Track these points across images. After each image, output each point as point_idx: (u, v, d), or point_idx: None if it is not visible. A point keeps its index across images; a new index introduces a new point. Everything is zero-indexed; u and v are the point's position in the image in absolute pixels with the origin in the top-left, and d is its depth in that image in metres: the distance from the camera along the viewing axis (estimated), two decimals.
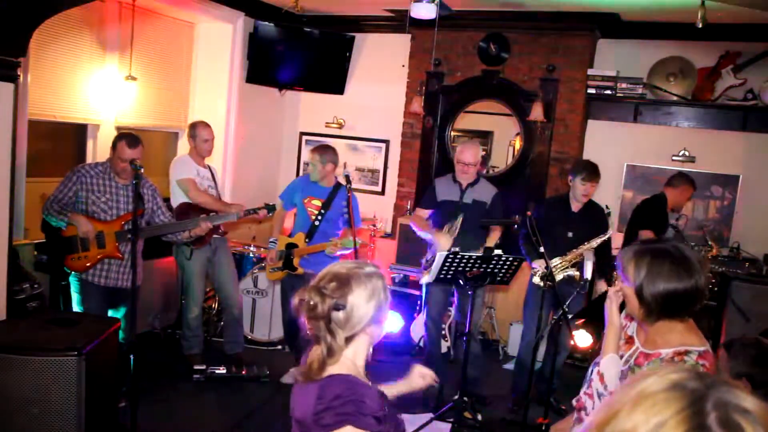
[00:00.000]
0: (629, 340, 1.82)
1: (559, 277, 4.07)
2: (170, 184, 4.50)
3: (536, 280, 4.18)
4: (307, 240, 4.31)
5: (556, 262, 4.09)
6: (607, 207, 4.29)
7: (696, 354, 1.64)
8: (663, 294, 1.60)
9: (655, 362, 1.67)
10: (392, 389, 1.91)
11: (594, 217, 4.21)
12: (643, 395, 0.76)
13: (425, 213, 4.43)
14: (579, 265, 4.17)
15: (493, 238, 4.40)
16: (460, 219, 4.17)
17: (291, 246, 4.34)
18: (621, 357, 1.80)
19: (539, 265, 4.06)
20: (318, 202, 4.35)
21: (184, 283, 4.60)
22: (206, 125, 4.54)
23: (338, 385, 1.49)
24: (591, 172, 4.15)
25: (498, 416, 4.18)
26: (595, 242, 4.10)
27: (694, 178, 5.21)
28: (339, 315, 1.52)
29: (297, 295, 1.58)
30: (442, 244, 4.05)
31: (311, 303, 1.52)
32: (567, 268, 4.09)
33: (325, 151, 4.38)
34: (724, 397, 0.73)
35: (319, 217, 4.31)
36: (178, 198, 4.42)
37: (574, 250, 4.10)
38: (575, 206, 4.24)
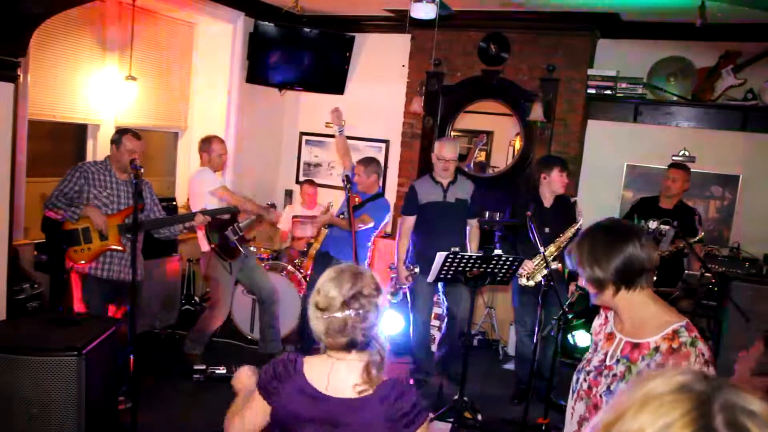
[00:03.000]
0: (609, 337, 1.82)
1: (543, 273, 4.11)
2: (192, 197, 4.48)
3: (523, 281, 4.20)
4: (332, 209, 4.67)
5: (537, 260, 4.15)
6: (572, 197, 4.47)
7: (685, 330, 1.66)
8: (614, 269, 1.65)
9: (651, 353, 1.66)
10: None
11: (565, 210, 4.28)
12: (650, 397, 0.76)
13: (412, 220, 4.43)
14: (559, 259, 4.23)
15: (475, 236, 4.50)
16: (417, 269, 4.34)
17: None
18: (605, 355, 1.79)
19: (524, 267, 4.10)
20: (358, 199, 4.55)
21: (213, 296, 4.60)
22: (221, 140, 4.55)
23: (393, 392, 1.57)
24: (564, 162, 4.37)
25: (498, 416, 4.18)
26: (569, 233, 4.17)
27: (694, 178, 5.21)
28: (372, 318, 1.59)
29: (334, 315, 1.56)
30: (401, 276, 4.40)
31: (363, 313, 1.55)
32: (546, 265, 4.11)
33: (369, 162, 4.66)
34: (731, 399, 0.73)
35: (345, 212, 4.37)
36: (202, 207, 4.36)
37: (551, 245, 4.16)
38: (547, 202, 4.33)
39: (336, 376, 1.59)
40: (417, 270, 4.37)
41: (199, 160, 4.57)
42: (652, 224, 4.58)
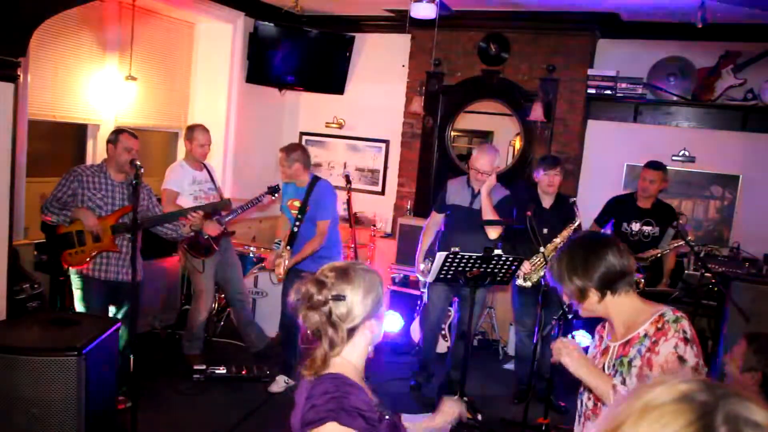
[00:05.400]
0: (604, 352, 1.86)
1: (540, 273, 4.11)
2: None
3: (520, 282, 4.20)
4: (289, 248, 4.21)
5: (535, 260, 4.15)
6: (572, 197, 4.42)
7: (669, 310, 1.73)
8: (597, 277, 1.73)
9: (641, 340, 1.72)
10: (422, 424, 1.85)
11: (564, 210, 4.26)
12: (650, 407, 0.74)
13: (439, 217, 4.35)
14: None
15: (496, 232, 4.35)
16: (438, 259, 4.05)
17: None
18: (602, 367, 1.83)
19: (521, 268, 4.07)
20: (297, 203, 4.24)
21: (195, 289, 4.58)
22: (205, 130, 4.45)
23: (326, 382, 1.48)
24: (550, 162, 4.30)
25: (498, 416, 4.18)
26: (567, 232, 4.16)
27: (694, 178, 5.20)
28: (340, 307, 1.52)
29: (293, 290, 1.56)
30: (417, 267, 4.23)
31: (309, 292, 1.52)
32: (545, 265, 4.09)
33: (291, 150, 4.18)
34: (735, 409, 0.71)
35: (297, 223, 4.19)
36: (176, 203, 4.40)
37: (549, 244, 4.14)
38: (546, 202, 4.32)
39: None
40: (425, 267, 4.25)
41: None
42: (635, 226, 4.52)
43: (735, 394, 0.73)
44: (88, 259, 3.67)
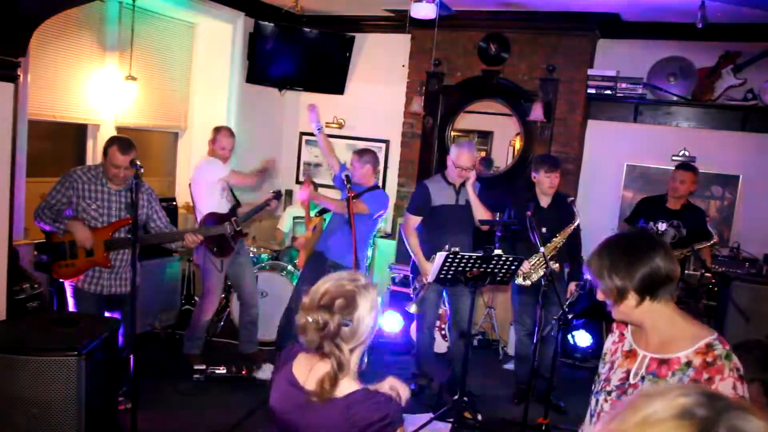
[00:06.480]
0: (629, 355, 1.73)
1: (540, 273, 4.11)
2: (195, 187, 4.43)
3: (519, 280, 4.21)
4: (316, 215, 4.75)
5: (534, 259, 4.16)
6: (569, 196, 4.41)
7: (719, 344, 1.58)
8: (638, 278, 1.59)
9: (683, 368, 1.59)
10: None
11: (562, 209, 4.26)
12: (649, 422, 0.72)
13: (418, 221, 4.33)
14: (557, 258, 4.20)
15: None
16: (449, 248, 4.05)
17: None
18: (627, 373, 1.70)
19: (521, 267, 4.06)
20: (352, 194, 4.37)
21: (204, 288, 4.57)
22: (229, 135, 4.44)
23: (363, 403, 1.54)
24: (551, 163, 4.30)
25: (498, 416, 4.17)
26: (566, 232, 4.17)
27: None
28: (345, 330, 1.56)
29: (300, 317, 1.59)
30: (426, 271, 4.09)
31: (321, 322, 1.55)
32: (544, 264, 4.09)
33: (363, 153, 4.60)
34: (736, 424, 0.69)
35: None
36: (204, 201, 4.38)
37: (548, 244, 4.15)
38: (544, 201, 4.31)
39: (315, 374, 1.61)
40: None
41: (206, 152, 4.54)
42: (662, 226, 4.53)
43: (735, 407, 0.72)
44: (78, 272, 3.60)
